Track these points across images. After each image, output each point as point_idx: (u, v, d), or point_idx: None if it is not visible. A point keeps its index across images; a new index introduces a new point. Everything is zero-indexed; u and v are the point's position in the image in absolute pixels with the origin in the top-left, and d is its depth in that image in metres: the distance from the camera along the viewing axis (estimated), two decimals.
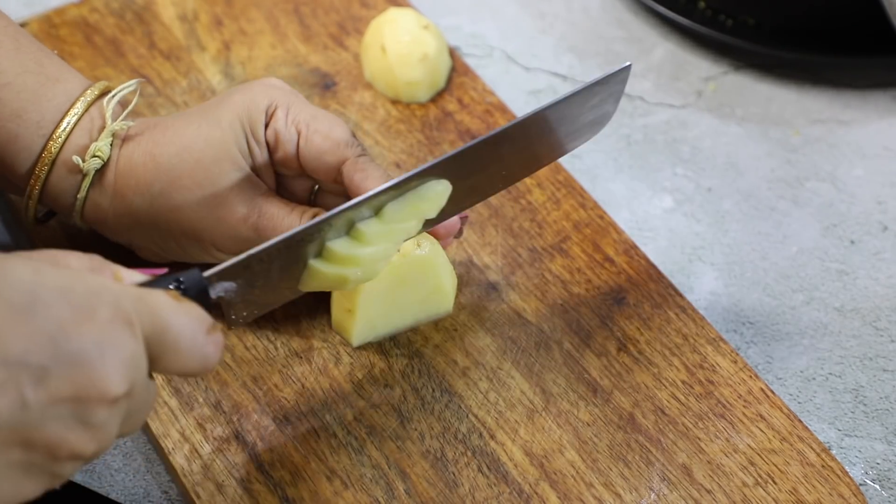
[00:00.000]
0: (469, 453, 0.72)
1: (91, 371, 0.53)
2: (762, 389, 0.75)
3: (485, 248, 0.81)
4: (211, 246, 0.74)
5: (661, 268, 0.81)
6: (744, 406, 0.74)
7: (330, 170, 0.74)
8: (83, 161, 0.72)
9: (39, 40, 0.92)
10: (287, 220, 0.73)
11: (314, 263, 0.69)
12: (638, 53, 0.98)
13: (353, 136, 0.75)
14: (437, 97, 0.90)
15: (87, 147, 0.73)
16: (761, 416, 0.73)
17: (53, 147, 0.72)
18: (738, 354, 0.76)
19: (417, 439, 0.72)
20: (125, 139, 0.73)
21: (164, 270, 0.62)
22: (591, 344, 0.77)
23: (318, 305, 0.78)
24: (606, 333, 0.77)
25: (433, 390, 0.74)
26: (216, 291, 0.65)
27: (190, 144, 0.73)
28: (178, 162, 0.72)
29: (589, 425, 0.73)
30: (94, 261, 0.59)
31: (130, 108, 0.74)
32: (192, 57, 0.92)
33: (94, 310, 0.54)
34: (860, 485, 0.74)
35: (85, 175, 0.73)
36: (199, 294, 0.62)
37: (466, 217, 0.76)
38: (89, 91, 0.74)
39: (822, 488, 0.71)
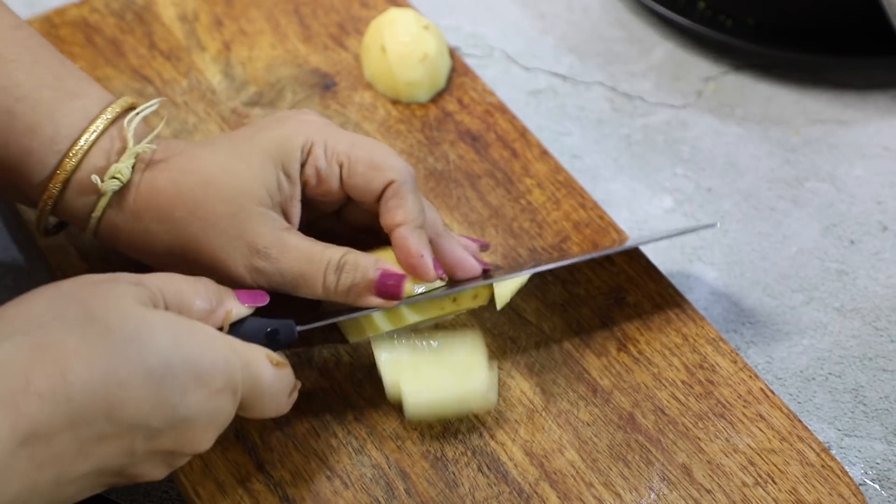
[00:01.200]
0: (469, 453, 0.72)
1: (193, 434, 0.62)
2: (762, 389, 0.75)
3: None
4: (226, 276, 0.72)
5: (661, 268, 0.81)
6: (743, 406, 0.74)
7: (378, 194, 0.73)
8: (101, 181, 0.70)
9: None
10: (321, 252, 0.71)
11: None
12: (638, 53, 0.99)
13: (397, 157, 0.73)
14: (437, 97, 0.90)
15: (106, 167, 0.71)
16: (761, 416, 0.74)
17: (69, 165, 0.70)
18: (737, 354, 0.76)
19: (417, 439, 0.72)
20: (149, 163, 0.71)
21: (264, 296, 0.69)
22: (591, 344, 0.77)
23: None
24: (606, 333, 0.77)
25: None
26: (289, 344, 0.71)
27: (215, 177, 0.71)
28: (202, 193, 0.71)
29: (589, 425, 0.73)
30: (209, 292, 0.67)
31: (156, 132, 0.72)
32: (192, 57, 0.92)
33: (212, 381, 0.62)
34: (860, 484, 0.74)
35: (102, 195, 0.71)
36: (286, 342, 0.69)
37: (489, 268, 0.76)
38: (109, 109, 0.72)
39: (822, 488, 0.71)
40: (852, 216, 0.87)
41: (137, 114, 0.72)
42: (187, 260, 0.72)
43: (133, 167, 0.71)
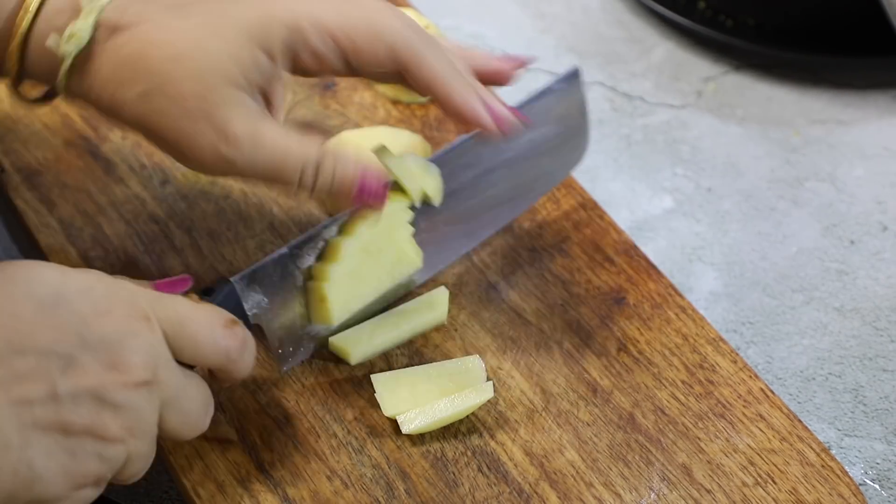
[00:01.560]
0: (469, 453, 0.72)
1: (112, 355, 0.58)
2: (762, 389, 0.75)
3: (485, 248, 0.81)
4: (193, 161, 0.68)
5: (660, 268, 0.82)
6: (743, 406, 0.74)
7: (391, 65, 0.67)
8: (60, 45, 0.66)
9: None
10: (298, 147, 0.66)
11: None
12: (638, 53, 0.99)
13: (394, 15, 0.67)
14: None
15: (64, 27, 0.66)
16: (761, 416, 0.74)
17: (22, 24, 0.66)
18: (737, 354, 0.76)
19: (417, 439, 0.72)
20: (114, 29, 0.66)
21: (185, 282, 0.67)
22: (591, 344, 0.77)
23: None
24: (606, 333, 0.77)
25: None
26: (251, 307, 0.70)
27: (185, 52, 0.65)
28: (171, 68, 0.65)
29: (589, 425, 0.73)
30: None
31: None
32: None
33: (113, 306, 0.59)
34: (860, 484, 0.74)
35: (63, 59, 0.66)
36: (233, 306, 0.67)
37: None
38: None
39: (822, 488, 0.71)
40: (852, 216, 0.87)
41: None
42: (153, 137, 0.68)
43: (96, 29, 0.66)
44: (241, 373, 0.65)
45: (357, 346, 0.74)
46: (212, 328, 0.62)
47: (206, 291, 0.68)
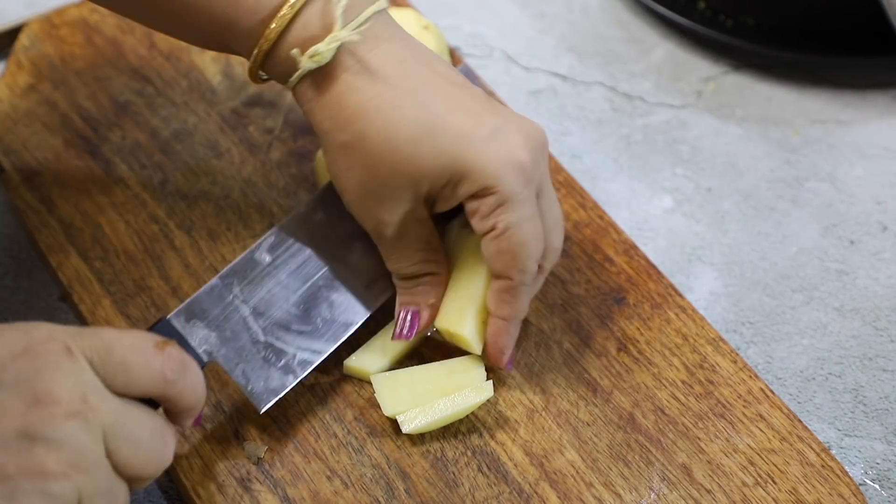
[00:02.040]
0: (469, 453, 0.72)
1: (34, 391, 0.55)
2: (762, 389, 0.75)
3: None
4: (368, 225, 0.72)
5: (660, 268, 0.82)
6: (744, 406, 0.74)
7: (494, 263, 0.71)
8: (301, 56, 0.69)
9: (39, 40, 0.92)
10: (410, 253, 0.73)
11: None
12: (638, 53, 0.99)
13: (537, 264, 0.71)
14: None
15: (308, 40, 0.69)
16: (761, 416, 0.74)
17: (274, 32, 0.69)
18: (737, 354, 0.76)
19: (417, 439, 0.72)
20: (360, 64, 0.69)
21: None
22: (591, 344, 0.77)
23: None
24: (606, 333, 0.77)
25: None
26: (200, 343, 0.69)
27: (399, 146, 0.68)
28: (379, 150, 0.68)
29: (589, 425, 0.73)
30: None
31: (365, 18, 0.69)
32: (191, 57, 0.92)
33: (28, 345, 0.56)
34: (860, 484, 0.74)
35: (298, 69, 0.69)
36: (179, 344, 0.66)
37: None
38: None
39: (822, 488, 0.71)
40: (852, 216, 0.87)
41: None
42: (331, 169, 0.72)
43: (339, 50, 0.68)
44: (187, 399, 0.62)
45: (408, 415, 0.73)
46: (142, 350, 0.60)
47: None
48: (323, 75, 0.69)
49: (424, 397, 0.72)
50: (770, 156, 0.91)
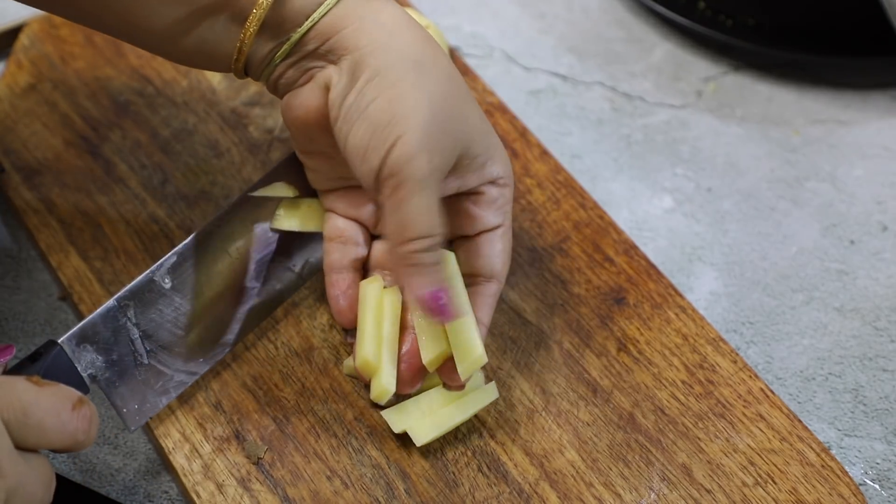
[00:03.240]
0: (469, 453, 0.72)
1: None
2: (762, 389, 0.75)
3: None
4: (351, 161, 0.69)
5: (660, 268, 0.82)
6: (744, 406, 0.74)
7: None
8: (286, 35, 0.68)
9: (39, 40, 0.92)
10: (426, 219, 0.68)
11: None
12: (638, 54, 0.99)
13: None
14: None
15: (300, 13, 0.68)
16: (761, 416, 0.74)
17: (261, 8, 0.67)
18: (737, 354, 0.77)
19: None
20: (350, 61, 0.68)
21: (11, 349, 0.66)
22: (591, 344, 0.77)
23: (318, 306, 0.78)
24: (606, 333, 0.77)
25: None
26: (86, 368, 0.68)
27: (462, 89, 0.68)
28: (449, 73, 0.68)
29: (589, 425, 0.73)
30: None
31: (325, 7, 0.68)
32: None
33: None
34: (860, 484, 0.74)
35: (282, 46, 0.69)
36: (65, 370, 0.66)
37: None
38: None
39: (822, 488, 0.71)
40: (852, 216, 0.87)
41: None
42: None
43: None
44: (84, 448, 0.62)
45: (419, 427, 0.72)
46: (58, 413, 0.59)
47: (32, 357, 0.66)
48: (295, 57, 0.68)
49: (430, 407, 0.72)
50: (770, 156, 0.91)
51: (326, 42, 0.68)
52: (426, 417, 0.71)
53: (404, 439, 0.72)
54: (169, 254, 0.73)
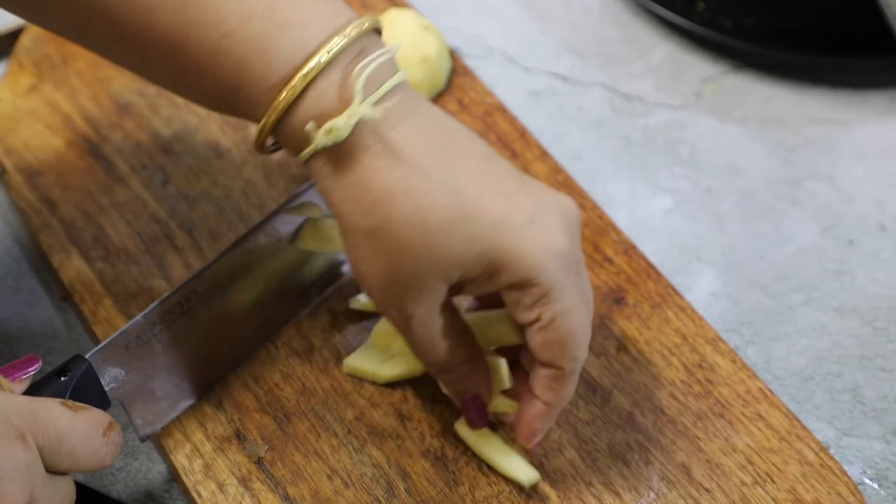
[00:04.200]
0: (469, 452, 0.72)
1: None
2: (761, 389, 0.75)
3: None
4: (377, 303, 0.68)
5: (660, 268, 0.82)
6: (742, 405, 0.74)
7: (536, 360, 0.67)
8: (316, 130, 0.63)
9: (41, 41, 0.93)
10: (446, 351, 0.67)
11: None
12: (637, 54, 0.99)
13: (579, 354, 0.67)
14: (437, 98, 0.91)
15: (325, 112, 0.63)
16: (760, 416, 0.74)
17: (280, 105, 0.63)
18: (736, 354, 0.77)
19: (418, 438, 0.73)
20: (381, 144, 0.63)
21: (37, 363, 0.65)
22: (590, 344, 0.77)
23: (317, 305, 0.78)
24: (606, 333, 0.78)
25: (433, 390, 0.74)
26: (109, 382, 0.68)
27: (429, 237, 0.63)
28: (408, 239, 0.63)
29: (588, 424, 0.73)
30: None
31: (387, 88, 0.63)
32: None
33: None
34: (858, 484, 0.74)
35: (315, 144, 0.63)
36: (90, 385, 0.66)
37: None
38: (332, 43, 0.62)
39: (821, 487, 0.71)
40: (851, 216, 0.88)
41: (368, 63, 0.62)
42: (349, 250, 0.66)
43: (357, 127, 0.62)
44: (106, 468, 0.64)
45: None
46: (90, 440, 0.60)
47: (59, 372, 0.66)
48: (341, 153, 0.63)
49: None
50: (769, 156, 0.91)
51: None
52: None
53: (404, 438, 0.72)
54: (198, 270, 0.73)
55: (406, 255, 0.63)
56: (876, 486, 0.74)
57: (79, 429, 0.60)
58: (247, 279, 0.74)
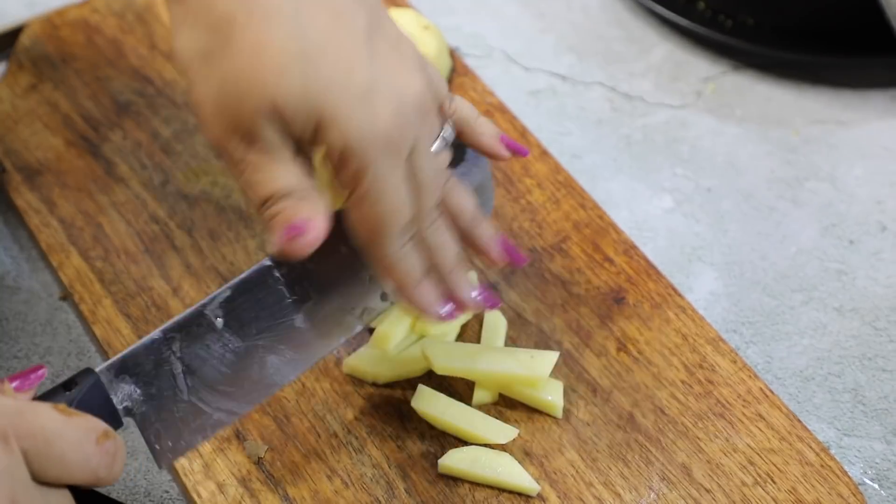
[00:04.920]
0: None
1: None
2: (761, 389, 0.75)
3: None
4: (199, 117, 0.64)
5: (660, 268, 0.82)
6: (743, 406, 0.74)
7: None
8: None
9: (40, 41, 0.93)
10: (269, 182, 0.63)
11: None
12: (637, 54, 0.99)
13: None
14: None
15: None
16: (760, 416, 0.74)
17: None
18: (737, 354, 0.77)
19: (418, 439, 0.73)
20: None
21: (42, 370, 0.61)
22: (590, 344, 0.77)
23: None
24: (606, 333, 0.78)
25: (433, 389, 0.74)
26: (122, 400, 0.64)
27: (262, 68, 0.61)
28: (239, 57, 0.61)
29: (588, 425, 0.73)
30: None
31: None
32: None
33: None
34: (859, 484, 0.74)
35: None
36: (99, 401, 0.62)
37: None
38: None
39: (821, 488, 0.71)
40: (851, 216, 0.87)
41: None
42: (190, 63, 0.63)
43: None
44: (106, 485, 0.58)
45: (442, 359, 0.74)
46: (81, 446, 0.56)
47: (66, 385, 0.61)
48: None
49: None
50: (770, 156, 0.91)
51: None
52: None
53: (404, 438, 0.72)
54: (222, 287, 0.68)
55: (237, 84, 0.61)
56: (877, 486, 0.74)
57: (69, 434, 0.55)
58: (275, 302, 0.70)
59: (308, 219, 0.63)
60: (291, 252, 0.63)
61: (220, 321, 0.67)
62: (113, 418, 0.63)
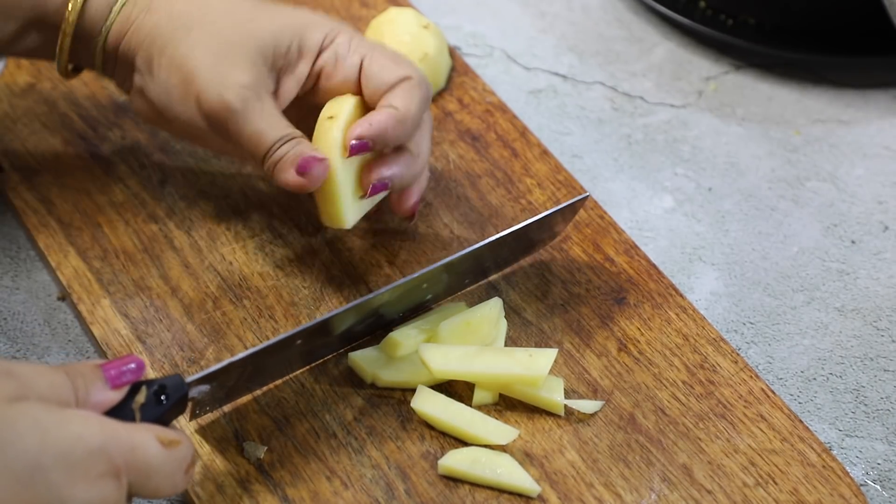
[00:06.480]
0: None
1: None
2: (763, 390, 0.75)
3: None
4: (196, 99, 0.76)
5: (661, 268, 0.81)
6: (744, 406, 0.74)
7: (388, 86, 0.76)
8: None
9: None
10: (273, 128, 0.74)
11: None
12: (638, 53, 0.98)
13: (418, 68, 0.77)
14: (437, 97, 0.90)
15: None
16: (762, 417, 0.73)
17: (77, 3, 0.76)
18: (738, 354, 0.76)
19: (417, 439, 0.72)
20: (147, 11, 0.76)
21: (140, 370, 0.64)
22: (591, 344, 0.77)
23: (317, 305, 0.78)
24: (606, 333, 0.77)
25: (433, 390, 0.74)
26: (194, 393, 0.68)
27: (238, 14, 0.76)
28: (217, 16, 0.76)
29: (589, 425, 0.73)
30: (76, 384, 0.62)
31: None
32: None
33: (89, 469, 0.58)
34: (861, 485, 0.74)
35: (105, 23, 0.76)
36: (178, 398, 0.66)
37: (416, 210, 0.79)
38: None
39: (823, 489, 0.70)
40: (853, 216, 0.87)
41: None
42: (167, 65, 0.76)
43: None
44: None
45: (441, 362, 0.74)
46: (173, 478, 0.62)
47: (158, 392, 0.64)
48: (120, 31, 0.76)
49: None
50: (771, 155, 0.91)
51: (120, 48, 0.77)
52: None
53: (404, 439, 0.72)
54: (315, 320, 0.72)
55: (223, 32, 0.75)
56: (879, 487, 0.74)
57: (167, 467, 0.61)
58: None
59: (313, 153, 0.73)
60: (307, 183, 0.73)
61: (298, 346, 0.72)
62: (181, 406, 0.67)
